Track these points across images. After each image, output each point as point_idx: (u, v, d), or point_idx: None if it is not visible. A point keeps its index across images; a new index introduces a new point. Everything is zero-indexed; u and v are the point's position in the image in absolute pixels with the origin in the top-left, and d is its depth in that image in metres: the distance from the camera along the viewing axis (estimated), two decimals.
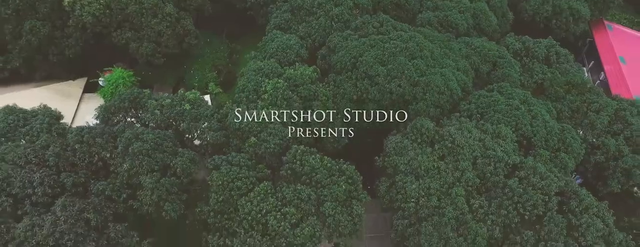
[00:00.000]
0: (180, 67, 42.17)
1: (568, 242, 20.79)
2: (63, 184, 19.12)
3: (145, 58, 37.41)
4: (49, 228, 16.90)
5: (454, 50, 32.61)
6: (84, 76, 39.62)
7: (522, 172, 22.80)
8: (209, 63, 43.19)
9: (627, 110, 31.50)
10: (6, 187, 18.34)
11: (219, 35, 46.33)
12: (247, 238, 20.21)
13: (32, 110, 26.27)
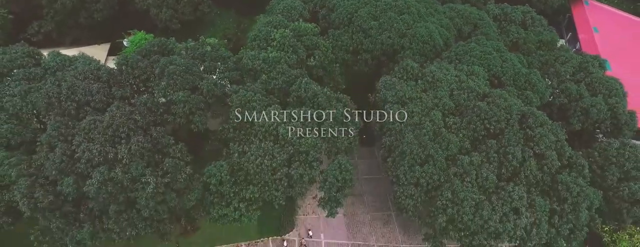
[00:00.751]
0: (194, 35, 46.84)
1: (524, 149, 25.60)
2: (113, 96, 23.92)
3: (164, 23, 42.32)
4: (108, 121, 21.63)
5: (438, 12, 37.62)
6: (108, 41, 44.28)
7: (490, 98, 27.58)
8: (219, 32, 48.39)
9: (589, 63, 36.44)
10: (71, 94, 23.13)
11: (228, 11, 51.34)
12: (262, 144, 24.97)
13: (72, 56, 31.16)
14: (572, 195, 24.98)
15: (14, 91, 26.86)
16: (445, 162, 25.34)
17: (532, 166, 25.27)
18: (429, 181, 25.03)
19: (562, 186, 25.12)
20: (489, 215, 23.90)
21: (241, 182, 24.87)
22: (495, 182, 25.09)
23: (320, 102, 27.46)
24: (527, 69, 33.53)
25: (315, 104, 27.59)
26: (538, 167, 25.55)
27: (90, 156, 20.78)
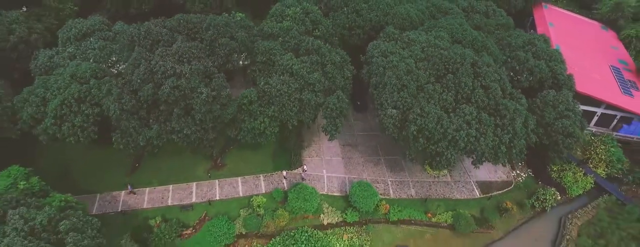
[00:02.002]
0: None
1: (474, 82, 35.44)
2: (175, 38, 34.13)
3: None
4: (175, 49, 31.64)
5: (416, 2, 48.78)
6: None
7: (450, 50, 37.74)
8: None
9: (536, 39, 46.92)
10: (147, 35, 33.31)
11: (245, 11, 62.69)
12: (281, 77, 34.86)
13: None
14: (509, 112, 34.55)
15: (95, 45, 37.25)
16: (416, 90, 35.05)
17: (480, 93, 35.06)
18: (404, 104, 34.63)
19: (503, 106, 34.73)
20: (447, 125, 33.30)
21: (265, 104, 34.47)
22: (452, 103, 34.76)
23: (323, 52, 37.72)
24: (484, 38, 43.97)
25: (319, 54, 37.77)
26: (485, 94, 35.26)
27: (164, 70, 30.60)
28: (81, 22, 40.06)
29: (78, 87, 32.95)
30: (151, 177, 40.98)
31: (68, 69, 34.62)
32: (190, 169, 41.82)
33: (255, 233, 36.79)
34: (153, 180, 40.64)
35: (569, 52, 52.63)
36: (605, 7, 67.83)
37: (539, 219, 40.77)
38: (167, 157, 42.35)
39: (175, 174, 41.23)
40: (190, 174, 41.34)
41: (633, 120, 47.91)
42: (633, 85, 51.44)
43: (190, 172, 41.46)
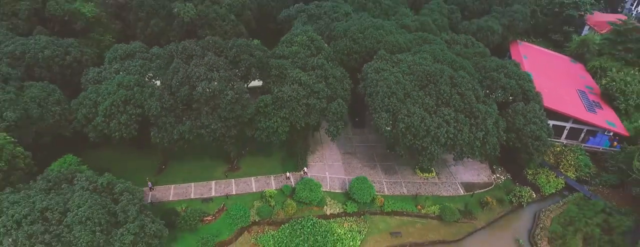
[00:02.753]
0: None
1: (451, 89, 43.05)
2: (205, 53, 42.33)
3: None
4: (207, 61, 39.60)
5: (404, 33, 57.97)
6: None
7: (432, 66, 45.82)
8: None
9: (509, 63, 55.26)
10: (183, 50, 41.56)
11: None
12: (291, 86, 42.55)
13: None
14: (481, 113, 41.83)
15: (136, 63, 45.48)
16: (403, 96, 42.54)
17: (457, 98, 42.56)
18: (393, 107, 41.96)
19: (476, 109, 42.05)
20: (430, 123, 40.40)
21: (278, 107, 41.80)
22: (433, 107, 42.12)
23: (326, 68, 45.85)
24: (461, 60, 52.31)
25: (323, 69, 45.85)
26: (461, 100, 42.72)
27: (198, 75, 38.31)
28: (125, 46, 48.66)
29: (124, 92, 40.46)
30: (175, 177, 47.33)
31: (115, 79, 42.38)
32: (210, 171, 48.22)
33: (267, 220, 42.36)
34: (177, 179, 46.97)
35: (540, 78, 60.91)
36: (573, 44, 77.82)
37: (517, 212, 46.38)
38: (189, 162, 49.07)
39: (196, 174, 47.58)
40: (210, 174, 47.68)
41: (598, 133, 54.88)
42: (597, 104, 59.08)
43: (209, 173, 47.81)
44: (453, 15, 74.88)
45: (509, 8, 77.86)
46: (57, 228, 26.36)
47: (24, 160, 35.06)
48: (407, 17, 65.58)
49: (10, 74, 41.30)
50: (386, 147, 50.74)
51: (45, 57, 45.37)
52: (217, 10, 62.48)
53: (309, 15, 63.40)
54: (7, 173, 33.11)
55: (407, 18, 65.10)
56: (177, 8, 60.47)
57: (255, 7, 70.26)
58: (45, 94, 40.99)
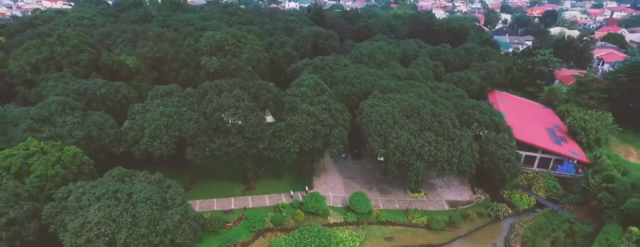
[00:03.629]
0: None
1: (432, 118, 52.86)
2: (232, 89, 52.92)
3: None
4: (234, 94, 49.97)
5: (395, 80, 69.40)
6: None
7: (416, 101, 56.22)
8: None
9: (483, 103, 65.86)
10: (215, 86, 52.23)
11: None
12: (301, 116, 52.54)
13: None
14: (457, 136, 51.18)
15: (173, 100, 56.07)
16: (392, 123, 52.25)
17: (436, 125, 52.24)
18: (384, 132, 51.47)
19: (452, 133, 51.51)
20: (414, 143, 49.61)
21: (290, 132, 51.37)
22: (417, 131, 51.59)
23: (329, 103, 56.27)
24: (442, 100, 62.86)
25: (327, 104, 56.22)
26: (440, 126, 52.36)
27: (228, 104, 48.47)
28: (164, 86, 59.69)
29: (166, 119, 50.39)
30: (200, 195, 55.34)
31: (158, 110, 52.57)
32: (229, 190, 56.39)
33: (279, 227, 49.60)
34: (202, 196, 54.93)
35: (513, 118, 71.02)
36: (544, 93, 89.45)
37: (495, 224, 53.53)
38: (211, 183, 57.47)
39: (218, 192, 55.69)
40: (230, 192, 55.78)
41: (564, 161, 63.54)
42: (563, 139, 68.44)
43: (229, 192, 55.93)
44: (437, 69, 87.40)
45: (486, 63, 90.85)
46: (125, 205, 34.43)
47: (88, 166, 43.79)
48: (397, 69, 77.89)
49: (76, 105, 51.54)
50: (381, 173, 59.71)
51: (102, 94, 56.11)
52: (237, 63, 74.75)
53: (314, 67, 75.60)
54: (76, 175, 41.67)
55: (397, 69, 77.35)
56: (203, 61, 72.73)
57: (268, 61, 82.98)
58: (103, 120, 50.87)
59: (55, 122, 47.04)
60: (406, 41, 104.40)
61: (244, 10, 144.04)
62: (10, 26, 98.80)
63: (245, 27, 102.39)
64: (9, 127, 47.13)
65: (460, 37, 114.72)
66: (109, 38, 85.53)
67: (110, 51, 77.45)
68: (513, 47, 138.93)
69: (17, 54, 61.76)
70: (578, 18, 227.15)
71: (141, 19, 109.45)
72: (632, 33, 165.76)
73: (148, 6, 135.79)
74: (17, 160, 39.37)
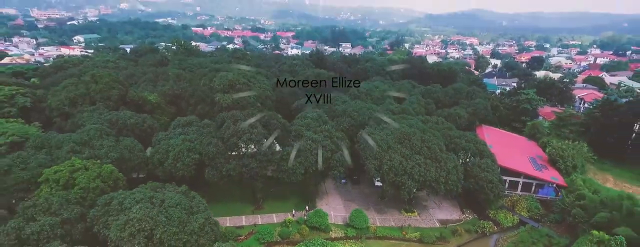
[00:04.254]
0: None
1: (422, 143, 59.86)
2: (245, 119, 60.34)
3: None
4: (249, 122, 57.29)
5: (389, 114, 77.24)
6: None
7: (407, 129, 63.54)
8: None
9: (469, 134, 73.12)
10: (232, 116, 59.62)
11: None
12: (306, 141, 59.64)
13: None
14: (443, 159, 57.84)
15: (193, 129, 63.47)
16: (386, 148, 59.16)
17: (425, 149, 59.11)
18: (379, 156, 58.24)
19: (439, 156, 58.25)
20: (406, 165, 56.23)
21: (296, 156, 58.17)
22: (408, 154, 58.36)
23: (331, 131, 63.52)
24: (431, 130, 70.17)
25: (328, 132, 63.48)
26: (428, 150, 59.22)
27: (243, 130, 55.73)
28: (185, 118, 67.31)
29: (188, 144, 57.45)
30: (214, 213, 60.66)
31: (180, 137, 59.76)
32: (240, 209, 62.10)
33: (286, 241, 54.83)
34: (216, 214, 60.34)
35: (499, 149, 77.97)
36: (527, 127, 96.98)
37: (481, 239, 58.64)
38: (224, 204, 63.23)
39: (230, 212, 61.31)
40: (241, 211, 61.47)
41: (545, 185, 69.57)
42: (544, 166, 74.88)
43: (240, 211, 61.63)
44: (428, 105, 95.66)
45: (473, 101, 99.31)
46: (159, 208, 40.51)
47: (122, 181, 50.19)
48: (392, 105, 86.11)
49: (110, 132, 58.85)
50: (379, 196, 65.83)
51: (131, 124, 63.63)
52: (247, 99, 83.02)
53: (316, 104, 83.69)
54: (112, 188, 47.97)
55: (392, 105, 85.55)
56: (218, 97, 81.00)
57: (275, 98, 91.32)
58: (132, 145, 57.91)
59: (93, 145, 54.12)
60: (400, 82, 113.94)
61: (251, 55, 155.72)
62: (43, 69, 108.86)
63: (254, 70, 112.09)
64: (53, 149, 54.06)
65: (450, 78, 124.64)
66: (131, 78, 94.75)
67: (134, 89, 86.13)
68: (501, 89, 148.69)
69: (57, 91, 70.13)
70: (563, 63, 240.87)
71: (159, 63, 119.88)
72: (613, 76, 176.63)
73: (163, 52, 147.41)
74: (64, 174, 46.01)
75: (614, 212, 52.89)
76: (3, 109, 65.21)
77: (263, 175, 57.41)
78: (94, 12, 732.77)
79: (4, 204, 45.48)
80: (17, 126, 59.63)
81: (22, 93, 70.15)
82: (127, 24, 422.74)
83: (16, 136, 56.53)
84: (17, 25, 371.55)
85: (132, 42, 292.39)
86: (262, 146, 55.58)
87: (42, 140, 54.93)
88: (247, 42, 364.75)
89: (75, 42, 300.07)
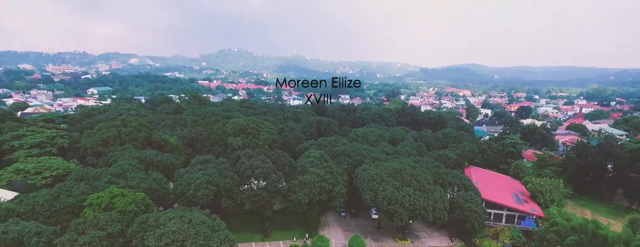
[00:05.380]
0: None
1: (411, 177, 67.79)
2: (260, 156, 68.56)
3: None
4: (260, 158, 65.37)
5: (383, 154, 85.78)
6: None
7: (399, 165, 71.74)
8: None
9: (455, 171, 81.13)
10: (246, 154, 67.95)
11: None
12: (310, 175, 67.59)
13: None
14: (431, 190, 65.44)
15: (211, 166, 71.72)
16: (380, 181, 66.96)
17: (414, 182, 66.89)
18: (374, 187, 65.92)
19: (426, 187, 65.91)
20: (397, 195, 63.75)
21: (301, 187, 65.86)
22: (399, 186, 66.03)
23: (332, 167, 71.63)
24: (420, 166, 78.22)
25: (330, 168, 71.56)
26: (417, 183, 66.97)
27: (256, 165, 63.92)
28: (203, 156, 75.68)
29: (207, 177, 65.36)
30: None
31: (200, 172, 67.80)
32: (250, 237, 68.46)
33: None
34: None
35: (484, 185, 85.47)
36: (511, 168, 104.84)
37: None
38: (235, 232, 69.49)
39: (241, 239, 67.57)
40: (250, 239, 67.82)
41: (526, 217, 76.21)
42: (525, 201, 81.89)
43: (250, 238, 67.99)
44: (420, 148, 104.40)
45: (461, 144, 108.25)
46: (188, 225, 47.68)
47: (151, 207, 57.47)
48: (386, 147, 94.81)
49: (140, 167, 67.04)
50: (375, 227, 72.43)
51: (156, 161, 71.97)
52: (256, 142, 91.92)
53: (318, 145, 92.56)
54: (144, 212, 55.22)
55: (386, 147, 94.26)
56: (230, 140, 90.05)
57: (281, 141, 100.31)
58: (159, 178, 65.81)
59: (127, 177, 62.10)
60: (394, 128, 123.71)
61: (257, 105, 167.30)
62: (72, 116, 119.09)
63: (261, 117, 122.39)
64: (90, 180, 61.90)
65: (440, 124, 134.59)
66: (152, 124, 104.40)
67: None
68: (490, 135, 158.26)
69: (91, 133, 79.27)
70: (550, 112, 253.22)
71: (174, 111, 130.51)
72: (595, 124, 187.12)
73: (177, 102, 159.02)
74: (105, 199, 53.62)
75: (581, 235, 59.58)
76: (46, 148, 73.85)
77: (272, 204, 64.64)
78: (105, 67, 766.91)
79: (54, 223, 52.55)
80: (59, 161, 67.95)
81: (61, 135, 79.15)
82: (137, 78, 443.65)
83: (60, 169, 64.70)
84: (34, 80, 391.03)
85: (143, 94, 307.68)
86: (272, 180, 63.54)
87: (82, 173, 62.98)
88: (252, 94, 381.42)
89: (90, 94, 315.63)
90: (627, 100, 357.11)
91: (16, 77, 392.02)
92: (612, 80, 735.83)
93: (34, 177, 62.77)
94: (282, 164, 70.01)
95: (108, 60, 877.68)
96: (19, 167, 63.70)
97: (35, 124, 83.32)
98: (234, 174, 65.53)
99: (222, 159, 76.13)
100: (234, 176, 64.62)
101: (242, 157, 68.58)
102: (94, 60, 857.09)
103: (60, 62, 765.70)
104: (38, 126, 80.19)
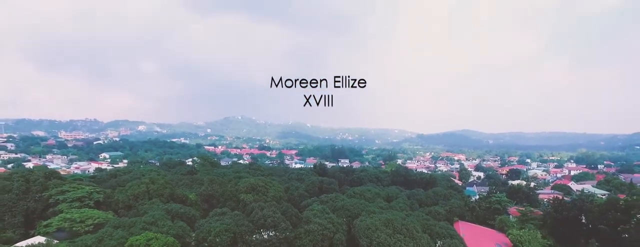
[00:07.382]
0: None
1: (402, 227, 77.11)
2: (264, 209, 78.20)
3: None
4: (269, 208, 75.01)
5: (378, 208, 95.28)
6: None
7: (392, 216, 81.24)
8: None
9: (443, 223, 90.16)
10: (258, 206, 77.79)
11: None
12: (313, 225, 76.96)
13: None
14: (418, 237, 74.36)
15: (227, 217, 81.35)
16: (374, 229, 76.08)
17: (405, 230, 76.03)
18: (369, 235, 74.92)
19: (416, 235, 74.87)
20: (390, 241, 72.63)
21: (306, 235, 74.87)
22: (392, 233, 75.00)
23: (333, 218, 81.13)
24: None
25: (331, 219, 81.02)
26: (408, 232, 76.06)
27: (267, 214, 73.66)
28: (219, 209, 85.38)
29: (224, 226, 74.73)
30: None
31: (218, 222, 77.23)
32: None
33: None
34: None
35: (470, 236, 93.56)
36: (496, 223, 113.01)
37: None
38: None
39: None
40: None
41: None
42: None
43: None
44: (413, 205, 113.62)
45: (450, 201, 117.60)
46: None
47: None
48: (381, 203, 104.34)
49: (167, 217, 76.65)
50: None
51: (180, 213, 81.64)
52: (265, 198, 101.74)
53: (320, 201, 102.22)
54: None
55: (381, 203, 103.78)
56: (242, 196, 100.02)
57: (287, 198, 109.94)
58: (184, 226, 75.14)
59: (158, 224, 71.66)
60: (389, 187, 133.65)
61: (264, 167, 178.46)
62: (100, 176, 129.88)
63: (268, 177, 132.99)
64: (127, 227, 71.29)
65: (431, 184, 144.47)
66: (172, 182, 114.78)
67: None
68: (479, 195, 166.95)
69: (124, 189, 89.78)
70: (539, 175, 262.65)
71: (188, 172, 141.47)
72: (580, 185, 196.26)
73: (189, 165, 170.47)
74: (142, 241, 62.94)
75: None
76: (85, 201, 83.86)
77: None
78: (115, 133, 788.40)
79: None
80: (98, 212, 77.77)
81: (97, 191, 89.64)
82: (146, 143, 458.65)
83: (100, 219, 74.35)
84: (49, 145, 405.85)
85: (152, 158, 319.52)
86: (281, 228, 72.89)
87: (119, 221, 72.62)
88: (255, 158, 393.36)
89: (102, 158, 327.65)
90: (616, 163, 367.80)
91: (32, 143, 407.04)
92: (603, 145, 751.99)
93: (78, 225, 72.25)
94: (289, 215, 79.65)
95: (117, 127, 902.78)
96: (66, 216, 73.48)
97: (74, 181, 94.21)
98: (248, 223, 74.98)
99: (237, 211, 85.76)
100: (248, 225, 74.02)
101: (256, 209, 78.51)
102: (104, 127, 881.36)
103: (72, 129, 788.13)
104: (77, 183, 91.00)
